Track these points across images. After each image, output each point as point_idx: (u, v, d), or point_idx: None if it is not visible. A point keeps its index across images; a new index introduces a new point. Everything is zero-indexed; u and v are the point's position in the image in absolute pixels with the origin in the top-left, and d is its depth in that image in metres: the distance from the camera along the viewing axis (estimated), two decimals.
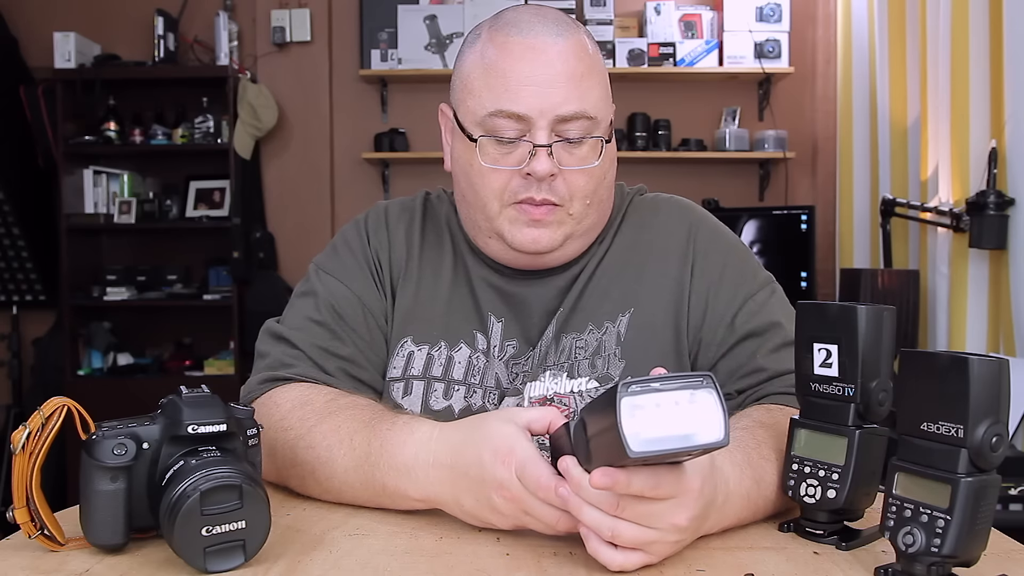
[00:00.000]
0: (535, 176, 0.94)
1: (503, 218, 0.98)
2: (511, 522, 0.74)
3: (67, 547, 0.72)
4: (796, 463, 0.76)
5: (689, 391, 0.61)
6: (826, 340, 0.74)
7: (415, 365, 1.04)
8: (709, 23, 3.66)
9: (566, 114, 0.94)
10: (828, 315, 0.74)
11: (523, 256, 1.01)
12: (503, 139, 0.95)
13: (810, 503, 0.75)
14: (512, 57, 0.95)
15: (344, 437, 0.85)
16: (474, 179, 0.98)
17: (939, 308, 2.61)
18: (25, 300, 3.71)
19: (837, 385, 0.74)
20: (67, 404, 0.71)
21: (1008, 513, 1.93)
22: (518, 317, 1.05)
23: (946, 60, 2.51)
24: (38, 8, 3.82)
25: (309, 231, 3.72)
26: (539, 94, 0.93)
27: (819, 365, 0.75)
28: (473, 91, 0.97)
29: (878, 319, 0.73)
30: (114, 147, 3.66)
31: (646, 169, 3.75)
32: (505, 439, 0.72)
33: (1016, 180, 2.24)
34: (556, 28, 0.96)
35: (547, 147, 0.94)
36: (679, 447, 0.60)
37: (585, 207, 0.99)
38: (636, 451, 0.59)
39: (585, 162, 0.97)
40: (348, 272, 1.07)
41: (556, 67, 0.94)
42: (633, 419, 0.60)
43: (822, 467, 0.74)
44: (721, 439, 0.61)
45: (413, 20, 3.66)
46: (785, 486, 0.77)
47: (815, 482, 0.74)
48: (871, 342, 0.72)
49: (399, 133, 3.69)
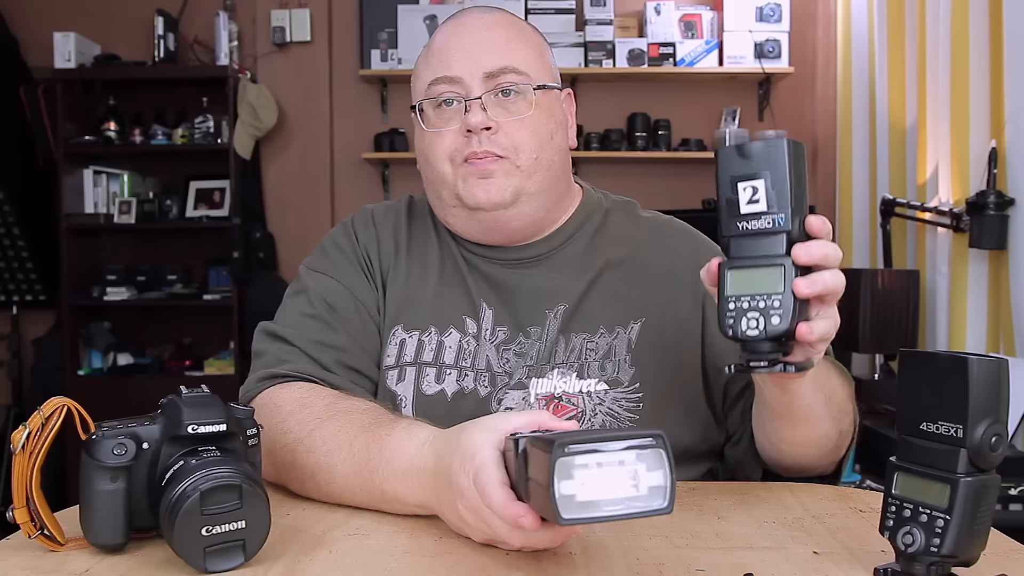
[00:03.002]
0: (472, 129, 0.99)
1: (457, 178, 1.02)
2: (479, 533, 0.72)
3: (67, 547, 0.72)
4: (732, 301, 0.74)
5: (635, 452, 0.58)
6: (751, 177, 0.73)
7: (407, 351, 1.05)
8: (709, 23, 3.66)
9: (492, 69, 1.01)
10: (750, 153, 0.74)
11: (484, 219, 1.03)
12: (440, 102, 1.02)
13: (753, 335, 0.72)
14: (444, 35, 1.05)
15: (343, 442, 0.85)
16: (426, 151, 1.05)
17: (939, 308, 2.61)
18: (25, 300, 3.71)
19: (767, 217, 0.73)
20: (67, 404, 0.71)
21: (1008, 513, 1.93)
22: (508, 304, 1.06)
23: (946, 60, 2.51)
24: (38, 8, 3.82)
25: (309, 231, 3.72)
26: (468, 57, 1.02)
27: (746, 203, 0.74)
28: (418, 74, 1.07)
29: (799, 151, 0.73)
30: (114, 147, 3.66)
31: (646, 169, 3.75)
32: (472, 447, 0.71)
33: (1016, 180, 2.24)
34: (487, 10, 1.07)
35: (478, 99, 1.00)
36: (617, 513, 0.57)
37: (533, 161, 1.02)
38: (566, 518, 0.56)
39: (523, 113, 1.02)
40: (338, 269, 1.08)
41: (482, 34, 1.04)
42: (569, 480, 0.56)
43: (761, 298, 0.72)
44: (664, 507, 0.57)
45: (413, 20, 3.66)
46: (722, 325, 0.75)
47: (755, 314, 0.72)
48: (795, 173, 0.72)
49: (399, 133, 3.70)
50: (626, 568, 0.69)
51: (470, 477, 0.70)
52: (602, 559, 0.71)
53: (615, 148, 3.62)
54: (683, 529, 0.79)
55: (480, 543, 0.73)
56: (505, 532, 0.68)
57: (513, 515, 0.65)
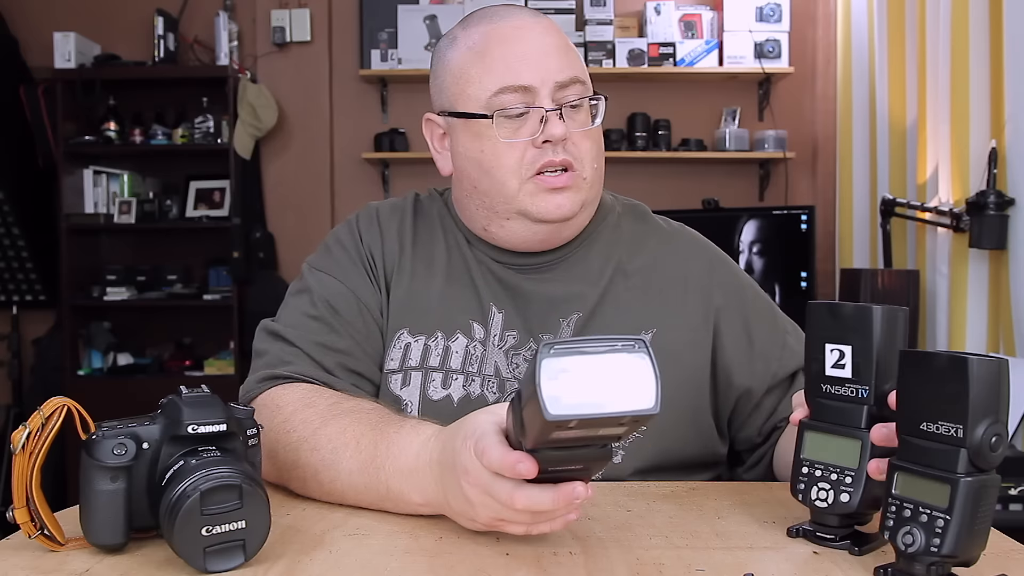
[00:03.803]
0: (553, 139, 0.98)
1: (523, 193, 1.00)
2: (485, 512, 0.71)
3: (67, 547, 0.72)
4: (806, 466, 0.75)
5: (620, 355, 0.58)
6: (839, 340, 0.73)
7: (412, 356, 1.04)
8: (709, 23, 3.66)
9: (564, 80, 0.99)
10: (841, 315, 0.73)
11: (543, 230, 1.03)
12: (512, 114, 0.99)
13: (822, 507, 0.74)
14: (502, 38, 1.00)
15: (350, 440, 0.85)
16: (488, 163, 1.01)
17: (939, 308, 2.61)
18: (25, 300, 3.71)
19: (850, 387, 0.73)
20: (67, 404, 0.71)
21: (1008, 513, 1.93)
22: (519, 308, 1.05)
23: (946, 60, 2.51)
24: (38, 8, 3.82)
25: (309, 231, 3.72)
26: (537, 66, 0.99)
27: (831, 366, 0.74)
28: (472, 79, 1.01)
29: (893, 319, 0.72)
30: (114, 147, 3.66)
31: (646, 169, 3.75)
32: (474, 425, 0.71)
33: (1016, 180, 2.24)
34: (529, 12, 1.05)
35: (557, 111, 0.98)
36: (604, 413, 0.57)
37: (594, 171, 1.03)
38: (553, 414, 0.56)
39: (585, 125, 1.02)
40: (342, 269, 1.07)
41: (544, 40, 1.01)
42: (555, 382, 0.56)
43: (834, 470, 0.73)
44: (651, 407, 0.57)
45: (413, 20, 3.66)
46: (794, 490, 0.76)
47: (827, 486, 0.73)
48: (886, 343, 0.71)
49: (399, 133, 3.69)
50: (626, 568, 0.69)
51: (471, 452, 0.69)
52: (602, 559, 0.71)
53: (615, 148, 3.62)
54: (683, 529, 0.79)
55: (485, 529, 0.73)
56: (507, 495, 0.67)
57: (511, 462, 0.65)
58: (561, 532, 0.77)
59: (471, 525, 0.75)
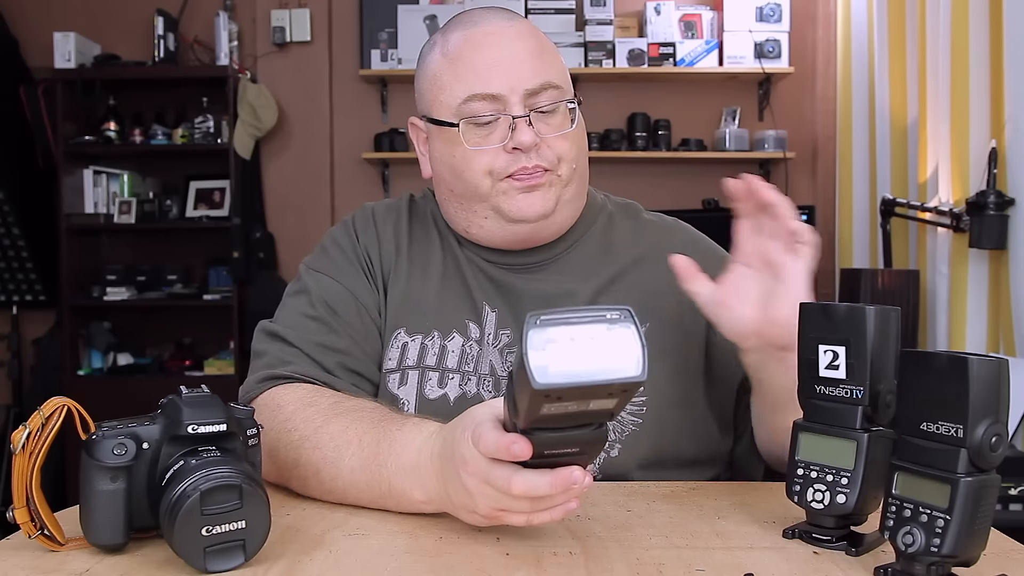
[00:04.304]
0: (522, 148, 0.98)
1: (496, 192, 1.01)
2: (485, 502, 0.71)
3: (67, 547, 0.72)
4: (802, 467, 0.75)
5: (605, 324, 0.58)
6: (832, 342, 0.73)
7: (409, 355, 1.04)
8: (709, 23, 3.66)
9: (534, 87, 0.99)
10: (835, 316, 0.73)
11: (521, 230, 1.02)
12: (481, 122, 0.99)
13: (818, 508, 0.73)
14: (474, 45, 1.00)
15: (352, 438, 0.85)
16: (459, 167, 1.01)
17: (939, 308, 2.61)
18: (25, 300, 3.71)
19: (844, 387, 0.72)
20: (67, 404, 0.71)
21: (1008, 513, 1.93)
22: (512, 307, 1.06)
23: (946, 60, 2.51)
24: (38, 8, 3.82)
25: (309, 231, 3.72)
26: (507, 73, 0.98)
27: (825, 367, 0.74)
28: (444, 85, 1.01)
29: (886, 319, 0.72)
30: (114, 147, 3.66)
31: (646, 169, 3.75)
32: (473, 418, 0.71)
33: (1016, 180, 2.24)
34: (505, 15, 1.03)
35: (525, 117, 0.98)
36: (592, 380, 0.57)
37: (571, 171, 1.02)
38: (540, 383, 0.56)
39: (562, 128, 1.01)
40: (339, 269, 1.08)
41: (516, 46, 1.00)
42: (542, 352, 0.57)
43: (830, 471, 0.73)
44: (638, 375, 0.57)
45: (413, 20, 3.66)
46: (790, 492, 0.76)
47: (823, 487, 0.73)
48: (879, 343, 0.71)
49: (399, 133, 3.70)
50: (626, 568, 0.69)
51: (469, 441, 0.69)
52: (602, 559, 0.71)
53: (615, 148, 3.62)
54: (683, 529, 0.79)
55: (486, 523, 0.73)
56: (504, 480, 0.67)
57: (506, 443, 0.65)
58: (561, 532, 0.77)
59: (472, 519, 0.74)
